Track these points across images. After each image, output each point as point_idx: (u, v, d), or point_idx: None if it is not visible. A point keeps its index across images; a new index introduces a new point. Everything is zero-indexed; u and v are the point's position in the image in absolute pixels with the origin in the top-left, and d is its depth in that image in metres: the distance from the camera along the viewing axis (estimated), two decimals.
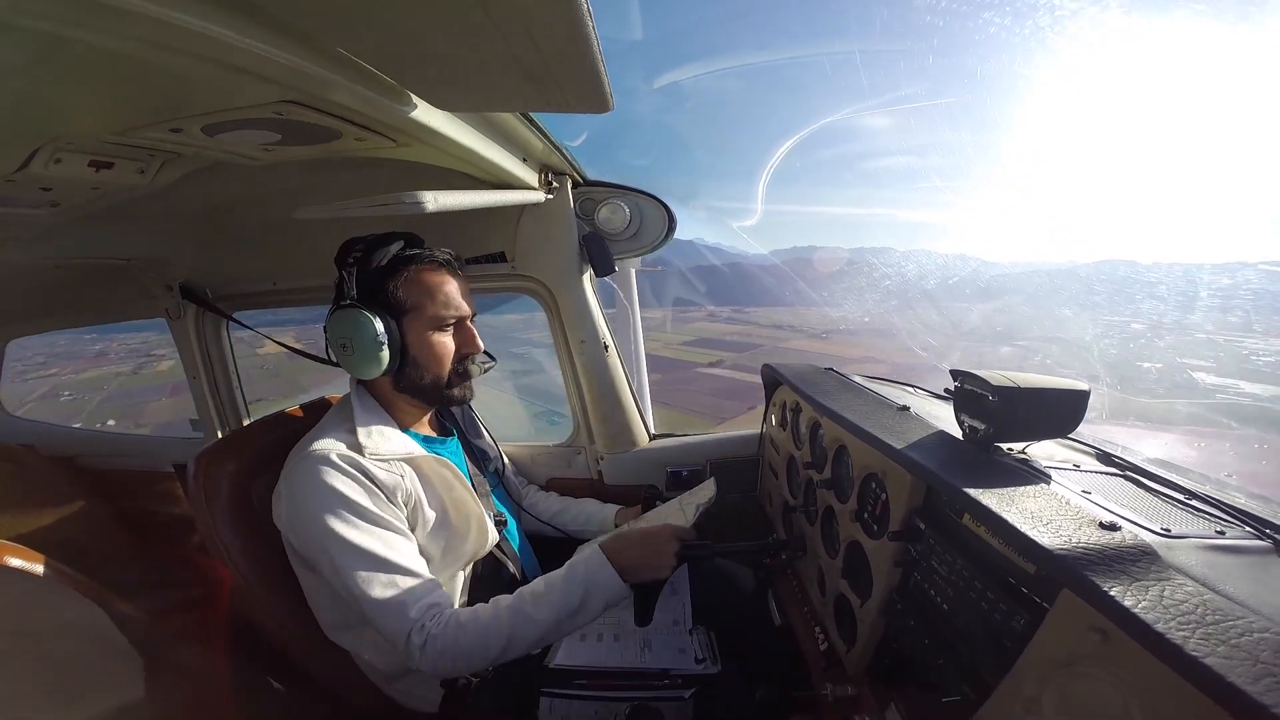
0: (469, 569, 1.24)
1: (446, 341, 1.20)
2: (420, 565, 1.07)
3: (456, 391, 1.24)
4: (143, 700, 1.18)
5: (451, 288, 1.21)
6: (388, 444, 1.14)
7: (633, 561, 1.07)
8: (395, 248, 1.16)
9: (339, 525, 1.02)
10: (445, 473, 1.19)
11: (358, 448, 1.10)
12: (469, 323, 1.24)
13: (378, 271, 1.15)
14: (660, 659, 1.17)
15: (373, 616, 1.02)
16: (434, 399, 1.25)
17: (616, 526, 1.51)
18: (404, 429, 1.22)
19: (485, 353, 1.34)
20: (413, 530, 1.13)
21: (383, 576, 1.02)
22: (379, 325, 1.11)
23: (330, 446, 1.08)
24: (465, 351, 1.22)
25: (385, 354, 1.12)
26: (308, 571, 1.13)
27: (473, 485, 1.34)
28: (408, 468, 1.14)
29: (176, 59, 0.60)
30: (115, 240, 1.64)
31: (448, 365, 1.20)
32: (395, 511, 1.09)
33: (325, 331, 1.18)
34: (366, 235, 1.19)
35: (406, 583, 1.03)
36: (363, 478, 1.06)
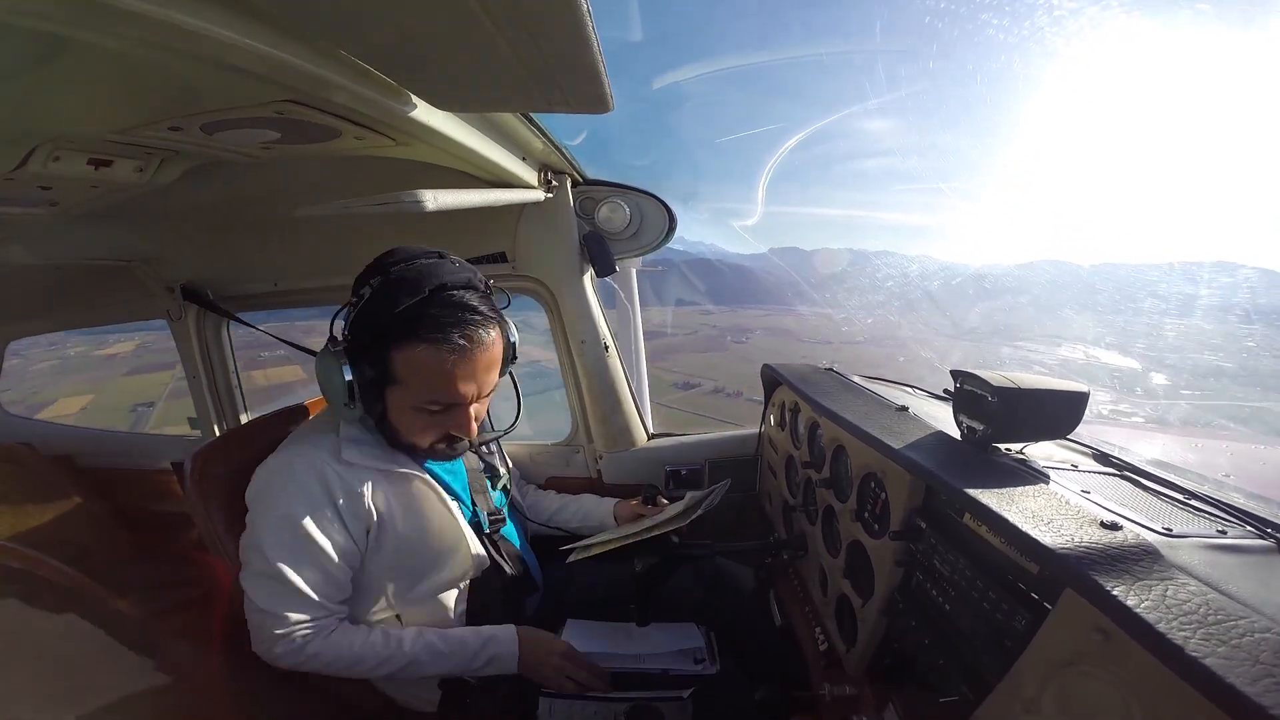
0: (467, 586, 1.22)
1: (430, 422, 1.07)
2: (325, 584, 1.07)
3: (438, 458, 1.17)
4: (142, 699, 1.17)
5: (457, 378, 1.02)
6: (368, 451, 1.10)
7: (527, 660, 1.12)
8: (415, 301, 0.98)
9: (267, 522, 1.04)
10: (424, 492, 1.15)
11: (336, 452, 1.07)
12: (470, 407, 1.08)
13: (380, 327, 0.99)
14: (660, 659, 1.17)
15: (251, 607, 1.05)
16: (410, 453, 1.15)
17: (616, 519, 1.51)
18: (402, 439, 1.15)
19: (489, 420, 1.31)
20: (374, 545, 1.11)
21: (278, 583, 1.03)
22: (355, 386, 1.00)
23: (306, 446, 1.08)
24: (454, 434, 1.10)
25: (357, 411, 1.04)
26: None
27: (469, 483, 1.33)
28: (377, 482, 1.10)
29: (176, 59, 0.60)
30: (115, 240, 1.63)
31: (428, 441, 1.09)
32: (338, 525, 1.06)
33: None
34: (403, 259, 1.02)
35: (299, 594, 1.04)
36: (320, 489, 1.05)
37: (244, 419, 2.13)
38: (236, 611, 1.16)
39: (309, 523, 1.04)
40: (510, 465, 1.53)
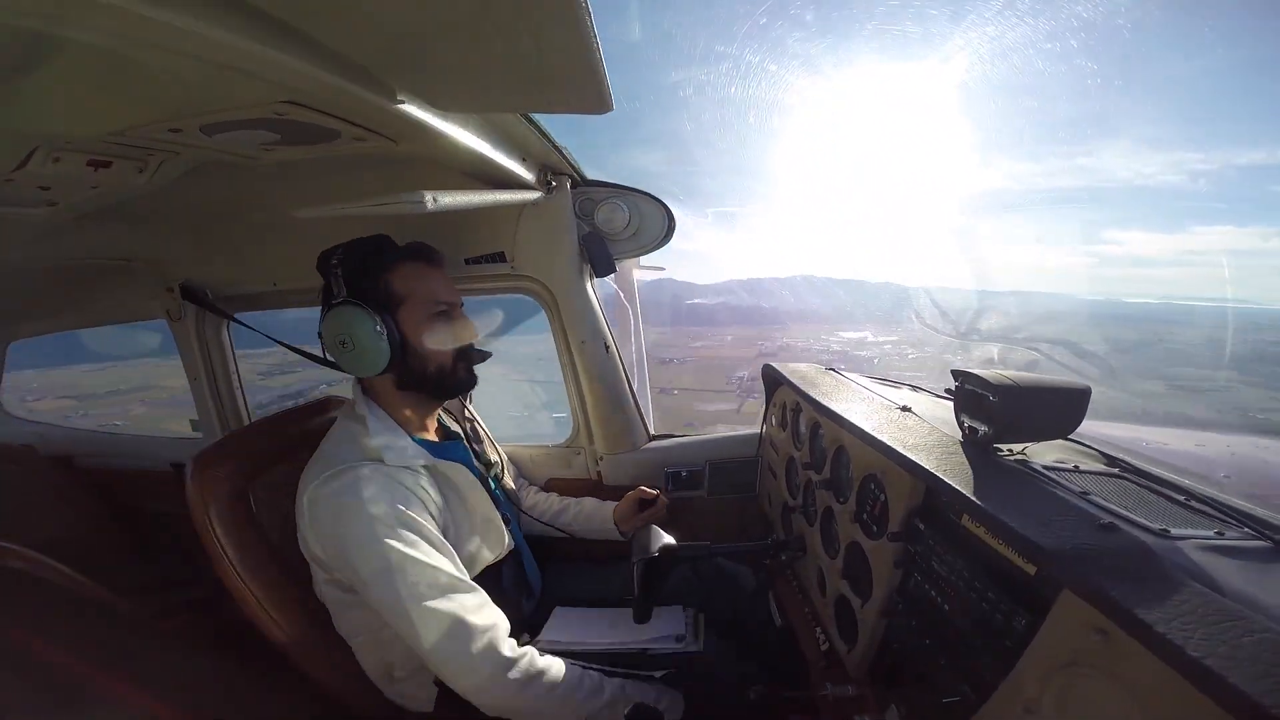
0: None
1: (443, 331, 1.20)
2: (470, 584, 1.06)
3: (464, 377, 1.25)
4: (141, 700, 1.17)
5: (437, 278, 1.22)
6: (406, 451, 1.12)
7: None
8: (375, 245, 1.19)
9: (398, 550, 1.00)
10: (465, 478, 1.19)
11: (379, 460, 1.08)
12: (460, 310, 1.25)
13: (364, 268, 1.16)
14: (639, 641, 1.17)
15: (434, 653, 1.00)
16: (440, 390, 1.25)
17: (618, 525, 1.53)
18: (411, 436, 1.20)
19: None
20: (444, 535, 1.12)
21: (443, 605, 1.00)
22: (376, 317, 1.11)
23: (358, 464, 1.05)
24: (464, 339, 1.23)
25: (385, 346, 1.12)
26: (342, 593, 1.12)
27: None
28: (424, 478, 1.13)
29: (176, 60, 0.60)
30: (115, 240, 1.63)
31: (450, 356, 1.21)
32: (430, 521, 1.08)
33: (320, 335, 1.17)
34: (341, 243, 1.19)
35: (463, 611, 1.01)
36: (404, 491, 1.05)
37: (245, 419, 2.13)
38: (237, 612, 1.16)
39: (425, 524, 1.05)
40: (503, 456, 1.55)
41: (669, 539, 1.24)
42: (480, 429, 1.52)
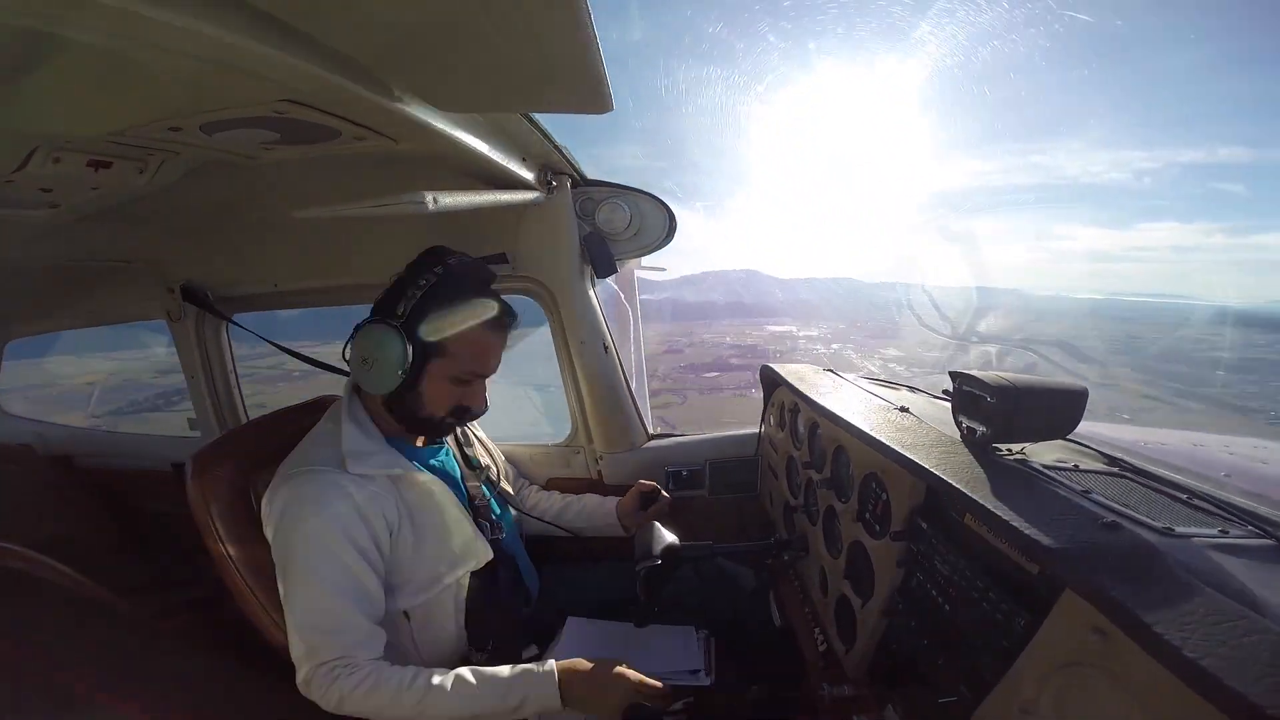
0: (465, 578, 1.23)
1: (456, 391, 1.19)
2: (365, 606, 1.06)
3: (448, 428, 1.26)
4: (141, 700, 1.17)
5: (494, 352, 1.21)
6: (374, 460, 1.12)
7: (580, 694, 1.04)
8: (473, 286, 1.17)
9: (301, 543, 1.04)
10: (433, 489, 1.18)
11: (341, 463, 1.09)
12: (483, 381, 1.23)
13: (441, 308, 1.12)
14: (655, 664, 1.16)
15: (294, 635, 1.04)
16: (416, 429, 1.24)
17: (621, 520, 1.52)
18: (392, 439, 1.19)
19: None
20: (393, 550, 1.12)
21: (321, 604, 1.03)
22: (410, 357, 1.10)
23: (316, 465, 1.08)
24: (466, 404, 1.21)
25: (397, 382, 1.11)
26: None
27: (468, 494, 1.33)
28: (392, 485, 1.13)
29: (176, 59, 0.60)
30: (115, 241, 1.63)
31: (445, 410, 1.19)
32: (367, 539, 1.07)
33: (354, 332, 1.16)
34: (454, 256, 1.17)
35: (337, 620, 1.03)
36: (342, 501, 1.05)
37: (242, 418, 2.13)
38: (237, 612, 1.16)
39: (342, 541, 1.05)
40: (494, 458, 1.54)
41: (672, 538, 1.24)
42: (471, 432, 1.51)
